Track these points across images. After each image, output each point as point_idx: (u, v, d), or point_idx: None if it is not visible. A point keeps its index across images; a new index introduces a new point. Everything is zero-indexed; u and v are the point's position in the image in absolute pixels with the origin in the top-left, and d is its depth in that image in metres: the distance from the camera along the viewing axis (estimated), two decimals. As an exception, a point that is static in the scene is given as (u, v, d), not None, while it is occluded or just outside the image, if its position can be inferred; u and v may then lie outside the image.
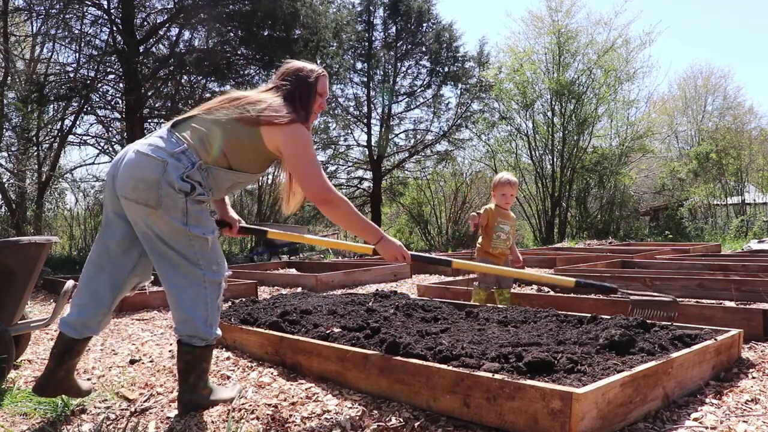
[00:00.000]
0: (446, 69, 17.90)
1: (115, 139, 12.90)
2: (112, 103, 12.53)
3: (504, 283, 3.95)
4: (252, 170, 2.19)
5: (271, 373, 2.62)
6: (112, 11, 11.25)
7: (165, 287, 2.11)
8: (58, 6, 10.72)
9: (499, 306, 3.36)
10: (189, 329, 2.08)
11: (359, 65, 17.69)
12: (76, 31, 11.55)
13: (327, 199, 2.16)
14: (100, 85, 11.89)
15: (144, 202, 1.97)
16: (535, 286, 5.56)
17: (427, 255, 2.55)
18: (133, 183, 1.98)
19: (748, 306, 3.78)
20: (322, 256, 13.67)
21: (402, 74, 18.38)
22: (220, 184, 2.14)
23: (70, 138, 12.26)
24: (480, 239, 3.89)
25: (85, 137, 12.71)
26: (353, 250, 2.53)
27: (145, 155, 2.00)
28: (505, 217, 3.86)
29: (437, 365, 2.05)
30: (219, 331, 2.16)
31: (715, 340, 2.37)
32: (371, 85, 17.92)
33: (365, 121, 18.20)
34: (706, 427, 1.84)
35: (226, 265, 2.18)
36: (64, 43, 11.94)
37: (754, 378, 2.34)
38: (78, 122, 12.09)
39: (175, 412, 2.20)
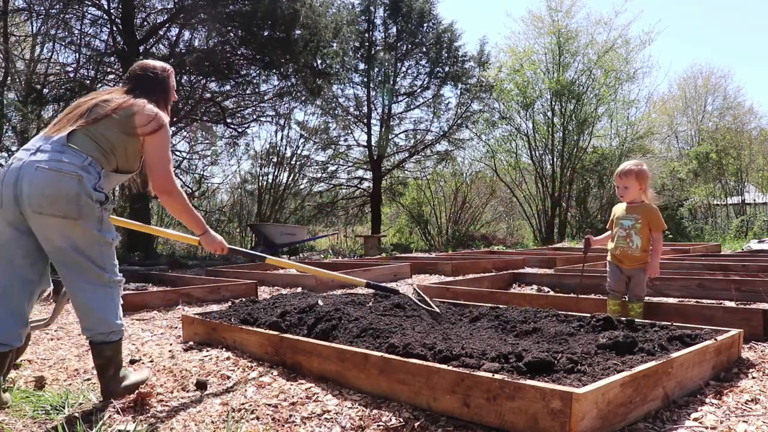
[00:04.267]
0: (446, 69, 17.89)
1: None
2: (112, 103, 12.53)
3: (630, 294, 3.40)
4: (133, 169, 2.41)
5: (271, 373, 2.62)
6: (112, 11, 11.24)
7: (74, 293, 2.26)
8: (58, 6, 10.72)
9: (499, 306, 3.35)
10: (105, 327, 2.27)
11: (359, 65, 17.69)
12: (76, 32, 11.55)
13: (170, 190, 2.40)
14: (100, 85, 11.88)
15: (63, 215, 2.12)
16: (535, 286, 5.56)
17: (244, 249, 3.02)
18: (50, 199, 2.10)
19: (748, 306, 3.78)
20: (322, 256, 13.68)
21: (402, 74, 18.38)
22: (110, 186, 2.36)
23: (71, 138, 12.26)
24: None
25: (85, 137, 12.71)
26: (183, 240, 2.95)
27: (56, 171, 2.12)
28: (628, 210, 3.37)
29: (437, 365, 2.05)
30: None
31: (715, 340, 2.38)
32: (371, 85, 17.92)
33: (365, 121, 18.20)
34: (706, 427, 1.84)
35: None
36: (64, 44, 11.95)
37: (754, 378, 2.34)
38: (78, 122, 12.09)
39: (176, 412, 2.21)
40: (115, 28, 11.31)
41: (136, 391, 2.39)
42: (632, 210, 3.37)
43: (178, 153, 15.61)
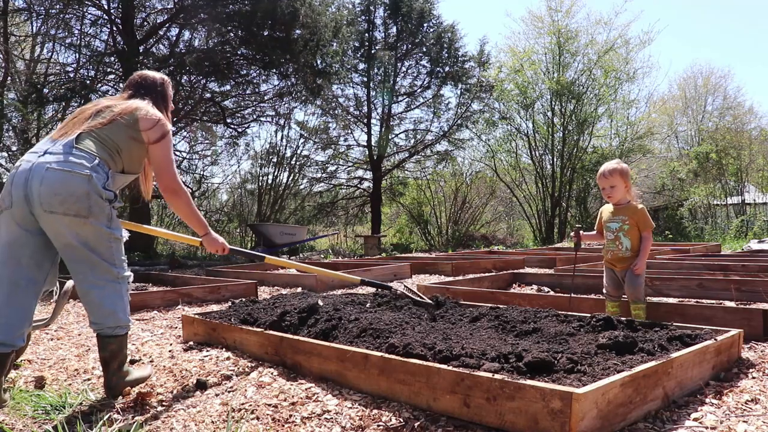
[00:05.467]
0: (446, 69, 17.88)
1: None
2: (112, 103, 12.52)
3: (629, 297, 3.31)
4: (137, 172, 2.51)
5: (271, 373, 2.62)
6: (112, 11, 11.23)
7: (83, 288, 2.33)
8: (58, 6, 10.72)
9: (499, 306, 3.34)
10: (113, 321, 2.34)
11: (359, 65, 17.68)
12: (76, 32, 11.55)
13: (176, 189, 2.49)
14: (100, 85, 11.88)
15: (74, 213, 2.19)
16: (534, 287, 5.56)
17: (244, 250, 3.19)
18: (61, 198, 2.17)
19: (748, 306, 3.78)
20: (322, 256, 13.67)
21: (402, 74, 18.37)
22: (117, 187, 2.42)
23: (70, 138, 12.26)
24: None
25: (85, 137, 12.71)
26: (186, 241, 3.13)
27: (66, 172, 2.19)
28: (614, 212, 3.35)
29: (437, 365, 2.05)
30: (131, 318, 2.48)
31: (715, 340, 2.38)
32: (371, 85, 17.91)
33: (365, 121, 18.19)
34: (706, 427, 1.84)
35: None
36: (64, 44, 11.95)
37: (754, 378, 2.34)
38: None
39: (176, 412, 2.21)
40: (115, 28, 11.30)
41: (137, 391, 2.40)
42: (618, 212, 3.34)
43: (178, 153, 15.61)
